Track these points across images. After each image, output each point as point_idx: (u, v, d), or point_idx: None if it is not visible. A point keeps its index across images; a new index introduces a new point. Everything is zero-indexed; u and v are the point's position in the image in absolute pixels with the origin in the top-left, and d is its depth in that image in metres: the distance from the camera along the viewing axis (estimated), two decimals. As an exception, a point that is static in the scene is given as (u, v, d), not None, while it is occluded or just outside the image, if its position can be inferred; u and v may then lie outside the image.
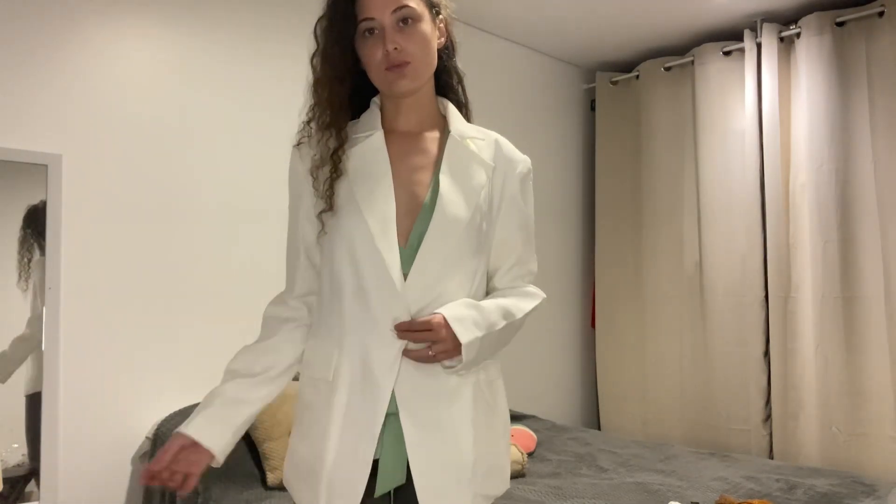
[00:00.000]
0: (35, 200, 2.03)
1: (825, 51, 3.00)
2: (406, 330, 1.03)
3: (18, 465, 1.96)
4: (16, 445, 1.97)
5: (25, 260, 2.00)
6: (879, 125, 2.87)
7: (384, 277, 1.05)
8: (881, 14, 2.88)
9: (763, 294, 3.16)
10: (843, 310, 2.91)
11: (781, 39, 3.15)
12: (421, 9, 1.08)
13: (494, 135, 1.20)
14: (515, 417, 3.04)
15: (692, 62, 3.47)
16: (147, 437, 2.21)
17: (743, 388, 3.21)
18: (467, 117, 1.22)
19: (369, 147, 1.12)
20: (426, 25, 1.08)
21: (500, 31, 3.42)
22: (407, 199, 1.10)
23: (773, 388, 3.09)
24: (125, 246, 2.22)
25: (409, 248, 1.07)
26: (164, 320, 2.29)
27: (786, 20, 3.23)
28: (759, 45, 3.21)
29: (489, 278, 1.20)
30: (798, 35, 3.10)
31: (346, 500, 1.04)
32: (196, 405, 1.14)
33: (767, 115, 3.14)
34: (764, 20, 3.23)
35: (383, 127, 1.14)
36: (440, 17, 1.14)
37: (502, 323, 1.10)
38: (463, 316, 1.04)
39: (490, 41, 3.44)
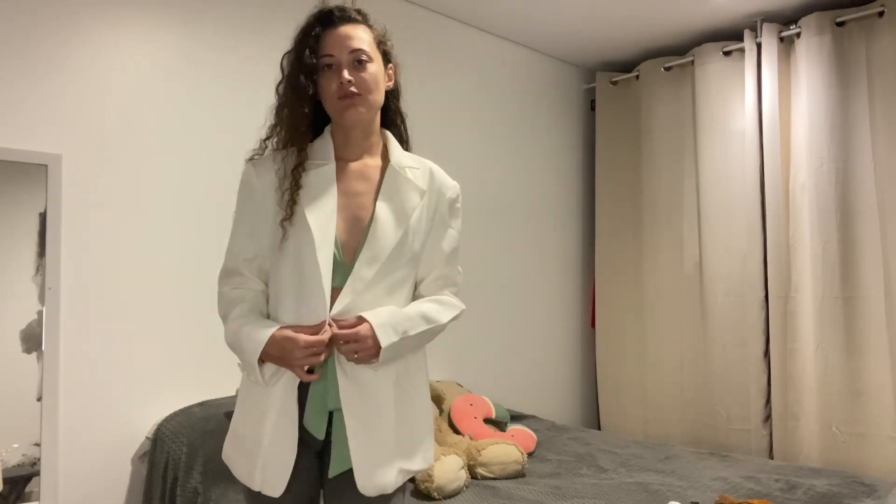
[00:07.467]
0: (39, 204, 2.03)
1: (825, 51, 3.01)
2: (338, 339, 1.20)
3: (18, 465, 1.96)
4: (16, 445, 1.96)
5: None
6: (879, 125, 2.87)
7: (317, 289, 1.22)
8: (881, 14, 2.88)
9: (763, 294, 3.16)
10: (843, 310, 2.91)
11: (781, 39, 3.15)
12: (373, 53, 1.29)
13: (429, 164, 1.38)
14: (515, 417, 3.03)
15: (692, 62, 3.47)
16: (147, 437, 2.21)
17: (743, 388, 3.21)
18: (408, 150, 1.41)
19: (322, 175, 1.29)
20: (376, 68, 1.29)
21: (500, 30, 3.42)
22: (352, 223, 1.28)
23: (773, 388, 3.09)
24: (125, 246, 2.22)
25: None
26: (164, 320, 2.29)
27: (786, 20, 3.23)
28: (759, 45, 3.21)
29: (416, 285, 1.38)
30: (798, 35, 3.10)
31: (277, 475, 1.23)
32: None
33: (767, 115, 3.14)
34: (764, 20, 3.23)
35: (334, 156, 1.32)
36: (390, 64, 1.36)
37: (421, 327, 1.28)
38: (385, 322, 1.23)
39: (490, 41, 3.44)
